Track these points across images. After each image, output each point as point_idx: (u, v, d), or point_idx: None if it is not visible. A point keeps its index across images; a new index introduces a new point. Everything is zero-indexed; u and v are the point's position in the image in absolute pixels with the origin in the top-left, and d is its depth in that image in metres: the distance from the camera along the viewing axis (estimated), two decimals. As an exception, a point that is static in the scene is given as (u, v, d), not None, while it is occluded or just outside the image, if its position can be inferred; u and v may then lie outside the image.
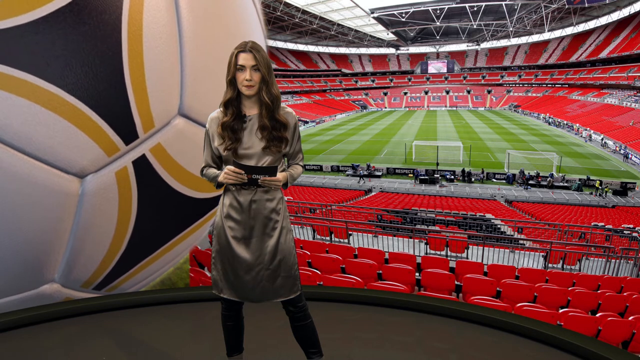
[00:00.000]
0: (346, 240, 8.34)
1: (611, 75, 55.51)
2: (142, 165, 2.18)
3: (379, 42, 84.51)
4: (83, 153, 1.97)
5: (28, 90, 1.78)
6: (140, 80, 2.02)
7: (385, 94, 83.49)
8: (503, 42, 79.74)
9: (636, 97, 45.30)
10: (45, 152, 1.88)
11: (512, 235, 11.59)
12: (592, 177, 23.95)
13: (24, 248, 2.04)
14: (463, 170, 26.42)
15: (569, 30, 69.16)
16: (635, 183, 23.28)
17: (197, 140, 2.22)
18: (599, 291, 4.88)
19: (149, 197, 2.30)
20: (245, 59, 1.50)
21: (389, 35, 78.06)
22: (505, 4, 58.56)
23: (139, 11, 1.99)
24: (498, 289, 4.58)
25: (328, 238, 8.47)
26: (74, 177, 2.01)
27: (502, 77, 78.80)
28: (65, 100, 1.85)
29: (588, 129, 40.29)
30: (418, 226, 11.75)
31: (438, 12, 64.72)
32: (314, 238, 8.62)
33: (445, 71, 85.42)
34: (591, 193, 22.42)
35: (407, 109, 77.62)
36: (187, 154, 2.34)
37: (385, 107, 79.67)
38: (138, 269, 2.62)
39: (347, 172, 28.15)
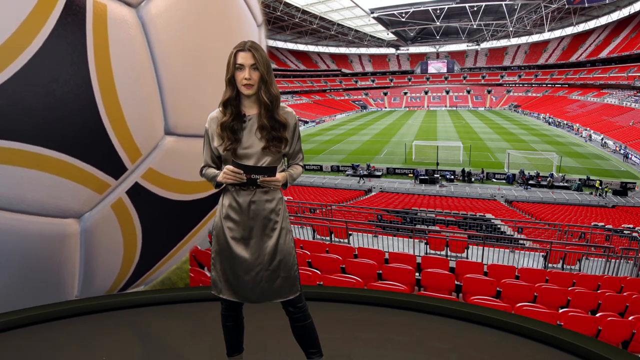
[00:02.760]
0: (346, 240, 8.33)
1: (611, 75, 55.47)
2: (136, 192, 2.21)
3: (379, 42, 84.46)
4: (74, 198, 2.03)
5: (8, 156, 1.81)
6: (118, 115, 1.98)
7: (385, 94, 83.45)
8: (503, 42, 79.68)
9: (636, 97, 45.28)
10: (36, 207, 1.97)
11: (512, 235, 11.59)
12: (592, 177, 23.93)
13: (38, 285, 2.19)
14: (463, 170, 26.41)
15: (569, 30, 69.11)
16: (635, 183, 23.27)
17: (191, 151, 2.26)
18: (599, 291, 4.87)
19: (151, 215, 2.36)
20: (244, 57, 1.49)
21: (389, 35, 78.01)
22: (505, 4, 58.51)
23: (105, 49, 1.90)
24: (498, 289, 4.58)
25: (328, 238, 8.46)
26: (71, 219, 2.10)
27: (502, 77, 78.75)
28: (46, 156, 1.88)
29: (588, 129, 40.27)
30: (418, 226, 11.74)
31: (438, 12, 64.66)
32: (314, 238, 8.61)
33: (445, 71, 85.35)
34: (591, 193, 22.41)
35: (407, 109, 77.57)
36: (183, 166, 2.34)
37: (385, 107, 79.62)
38: (154, 270, 2.76)
39: (347, 172, 28.13)
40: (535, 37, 74.92)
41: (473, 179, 25.96)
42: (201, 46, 2.27)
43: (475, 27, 69.59)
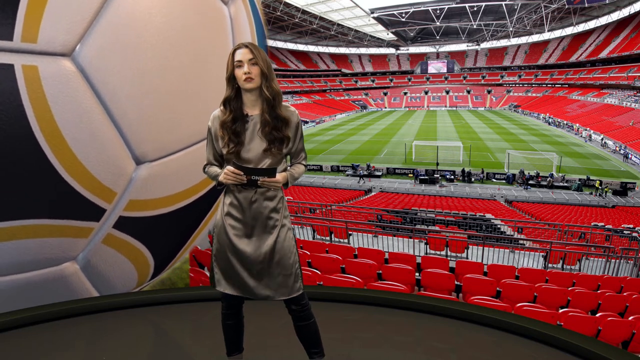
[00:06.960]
0: (346, 240, 8.33)
1: (611, 75, 55.47)
2: (125, 223, 2.21)
3: (379, 42, 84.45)
4: (60, 249, 2.09)
5: None
6: (79, 169, 1.94)
7: (385, 94, 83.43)
8: (503, 42, 79.67)
9: (636, 97, 45.27)
10: (27, 267, 2.05)
11: (512, 235, 11.59)
12: (592, 177, 23.94)
13: None
14: (463, 170, 26.40)
15: (569, 30, 69.11)
16: (635, 183, 23.26)
17: (171, 169, 2.24)
18: (599, 291, 4.87)
19: (148, 233, 2.36)
20: (242, 54, 1.50)
21: (389, 35, 78.00)
22: (505, 4, 58.50)
23: (46, 112, 1.79)
24: (498, 289, 4.58)
25: (328, 238, 8.46)
26: (67, 263, 2.17)
27: (502, 77, 78.74)
28: (18, 226, 1.90)
29: (588, 129, 40.26)
30: (418, 226, 11.74)
31: (438, 12, 64.66)
32: (314, 238, 8.61)
33: (445, 71, 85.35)
34: (591, 193, 22.41)
35: (407, 109, 77.56)
36: (167, 185, 2.30)
37: (385, 107, 79.61)
38: (168, 268, 2.89)
39: (347, 172, 28.13)
40: (535, 37, 74.91)
41: (473, 179, 25.96)
42: (156, 65, 2.08)
43: (475, 27, 69.58)
